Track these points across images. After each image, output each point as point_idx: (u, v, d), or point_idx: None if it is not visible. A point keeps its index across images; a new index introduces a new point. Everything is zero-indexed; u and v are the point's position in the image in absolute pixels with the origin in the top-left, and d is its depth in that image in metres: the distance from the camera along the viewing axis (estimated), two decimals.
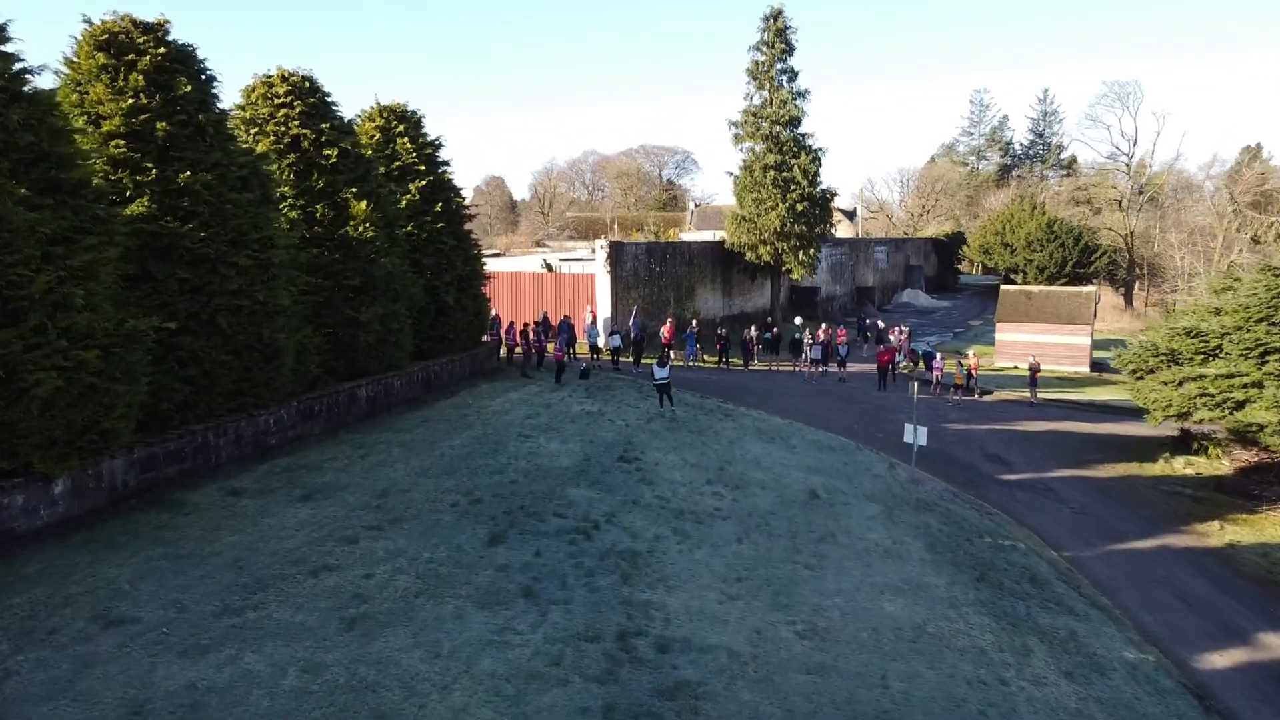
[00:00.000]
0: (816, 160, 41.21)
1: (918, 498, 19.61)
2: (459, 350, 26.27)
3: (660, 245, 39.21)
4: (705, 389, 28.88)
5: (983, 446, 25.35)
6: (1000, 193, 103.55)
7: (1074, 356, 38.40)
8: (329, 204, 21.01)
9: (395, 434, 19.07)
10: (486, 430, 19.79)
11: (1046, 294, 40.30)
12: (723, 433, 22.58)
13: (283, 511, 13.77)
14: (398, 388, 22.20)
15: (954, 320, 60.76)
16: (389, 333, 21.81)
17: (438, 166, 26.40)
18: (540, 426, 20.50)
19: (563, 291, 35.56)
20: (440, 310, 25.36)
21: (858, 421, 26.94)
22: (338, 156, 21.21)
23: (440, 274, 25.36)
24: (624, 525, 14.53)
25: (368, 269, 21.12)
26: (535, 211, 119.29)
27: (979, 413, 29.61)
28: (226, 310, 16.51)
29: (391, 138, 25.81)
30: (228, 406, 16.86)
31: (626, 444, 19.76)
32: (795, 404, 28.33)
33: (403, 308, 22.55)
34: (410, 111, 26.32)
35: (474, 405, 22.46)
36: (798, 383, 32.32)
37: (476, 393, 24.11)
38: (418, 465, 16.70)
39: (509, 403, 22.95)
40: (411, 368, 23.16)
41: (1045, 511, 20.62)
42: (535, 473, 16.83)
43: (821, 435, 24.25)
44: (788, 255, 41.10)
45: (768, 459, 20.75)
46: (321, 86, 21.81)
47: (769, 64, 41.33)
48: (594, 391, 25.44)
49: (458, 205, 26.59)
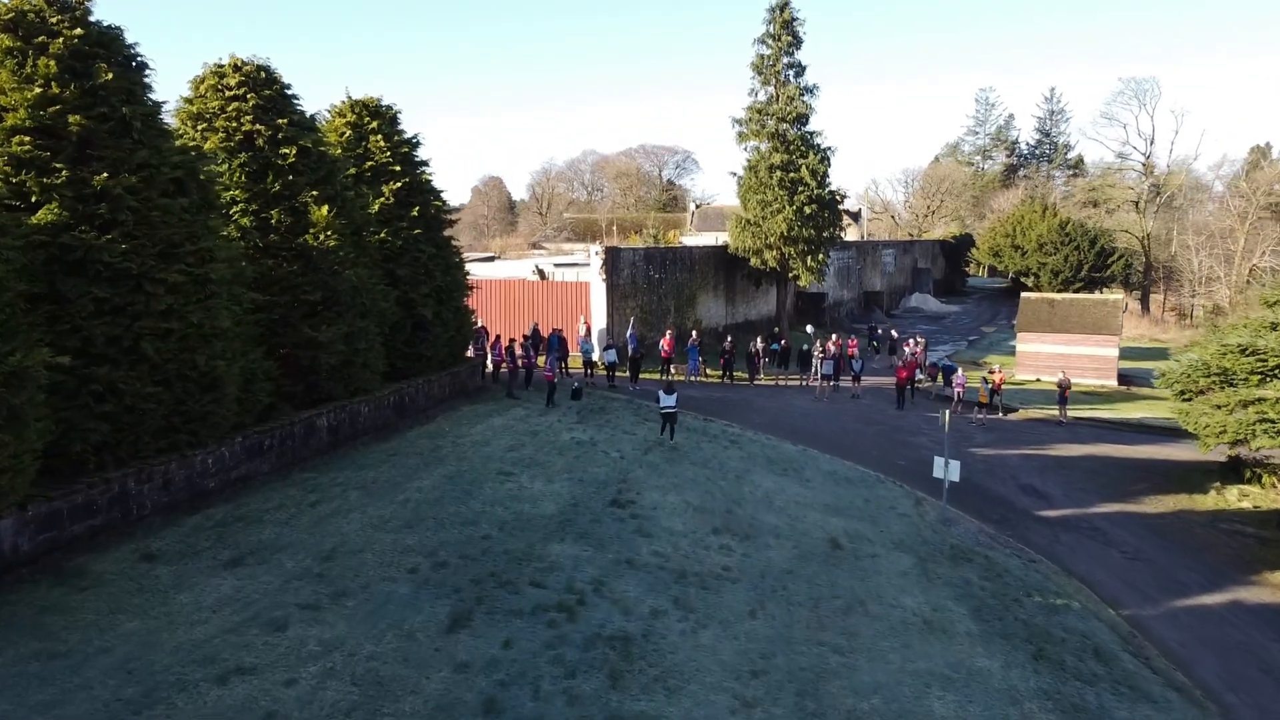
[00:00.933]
0: (825, 160, 38.81)
1: (952, 544, 17.25)
2: (438, 369, 23.90)
3: (660, 251, 36.85)
4: (709, 408, 26.52)
5: (1015, 476, 22.97)
6: (1008, 193, 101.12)
7: (1101, 369, 36.03)
8: (286, 209, 18.65)
9: (357, 472, 16.70)
10: (461, 466, 17.42)
11: (1070, 302, 37.91)
12: (729, 464, 20.23)
13: (203, 583, 11.41)
14: (365, 415, 19.84)
15: (965, 326, 58.39)
16: (355, 353, 19.45)
17: (415, 167, 24.04)
18: (523, 461, 18.13)
19: (555, 301, 33.19)
20: (417, 325, 23.00)
21: (876, 446, 24.58)
22: (296, 156, 18.85)
23: (417, 285, 23.00)
24: (615, 596, 12.17)
25: (330, 282, 18.76)
26: (533, 212, 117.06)
27: (1006, 435, 27.23)
28: (153, 334, 14.16)
29: (364, 135, 23.45)
30: (157, 446, 14.50)
31: (621, 482, 17.39)
32: (807, 426, 25.96)
33: (372, 324, 20.19)
34: (385, 106, 23.97)
35: (451, 434, 20.09)
36: (808, 400, 29.95)
37: (456, 418, 21.74)
38: (376, 515, 14.33)
39: (491, 430, 20.58)
40: (382, 391, 20.79)
41: (1094, 557, 18.25)
42: (513, 523, 14.46)
43: (838, 465, 21.88)
44: (795, 260, 38.71)
45: (781, 496, 18.39)
46: (280, 77, 19.46)
47: (775, 58, 38.94)
48: (586, 415, 23.07)
49: (437, 209, 24.22)
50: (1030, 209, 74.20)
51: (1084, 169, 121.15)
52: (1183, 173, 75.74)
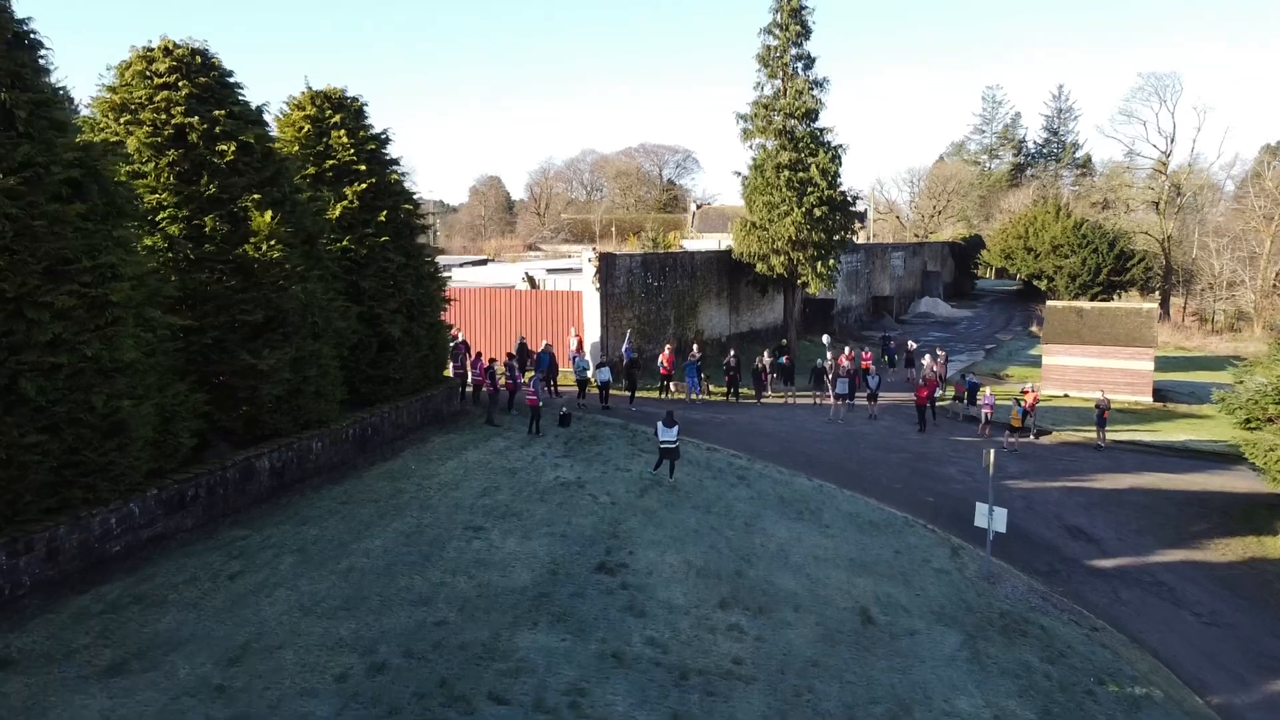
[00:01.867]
0: (836, 158, 36.14)
1: (1001, 610, 14.62)
2: (409, 393, 21.29)
3: (659, 256, 34.20)
4: (713, 433, 23.91)
5: (1059, 514, 20.35)
6: (1016, 193, 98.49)
7: (1135, 384, 33.39)
8: (223, 215, 16.05)
9: (297, 527, 14.09)
10: (423, 518, 14.80)
11: (1100, 311, 35.27)
12: (737, 507, 17.61)
13: (63, 705, 8.81)
14: (317, 452, 17.21)
15: (980, 333, 55.74)
16: (305, 381, 16.84)
17: (384, 166, 21.44)
18: (497, 510, 15.51)
19: (546, 311, 30.56)
20: (384, 344, 20.40)
21: (899, 478, 21.96)
22: (236, 153, 16.26)
23: (384, 299, 20.40)
24: (598, 712, 9.55)
25: (274, 299, 16.16)
26: (531, 213, 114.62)
27: (1042, 463, 24.60)
28: (36, 371, 11.60)
29: (325, 130, 20.85)
30: (43, 506, 11.93)
31: (611, 537, 14.77)
32: (822, 454, 23.35)
33: (326, 346, 17.58)
34: (350, 98, 21.36)
35: (417, 473, 17.48)
36: (821, 421, 27.32)
37: (425, 452, 19.12)
38: (309, 591, 11.72)
39: (463, 468, 17.97)
40: (340, 422, 18.18)
41: (1164, 621, 15.64)
42: (477, 601, 11.85)
43: (859, 504, 19.26)
44: (804, 266, 36.06)
45: (798, 549, 15.78)
46: (220, 63, 16.89)
47: (782, 49, 36.27)
48: (575, 446, 20.44)
49: (408, 214, 21.60)
50: (1042, 210, 71.59)
51: (1092, 168, 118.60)
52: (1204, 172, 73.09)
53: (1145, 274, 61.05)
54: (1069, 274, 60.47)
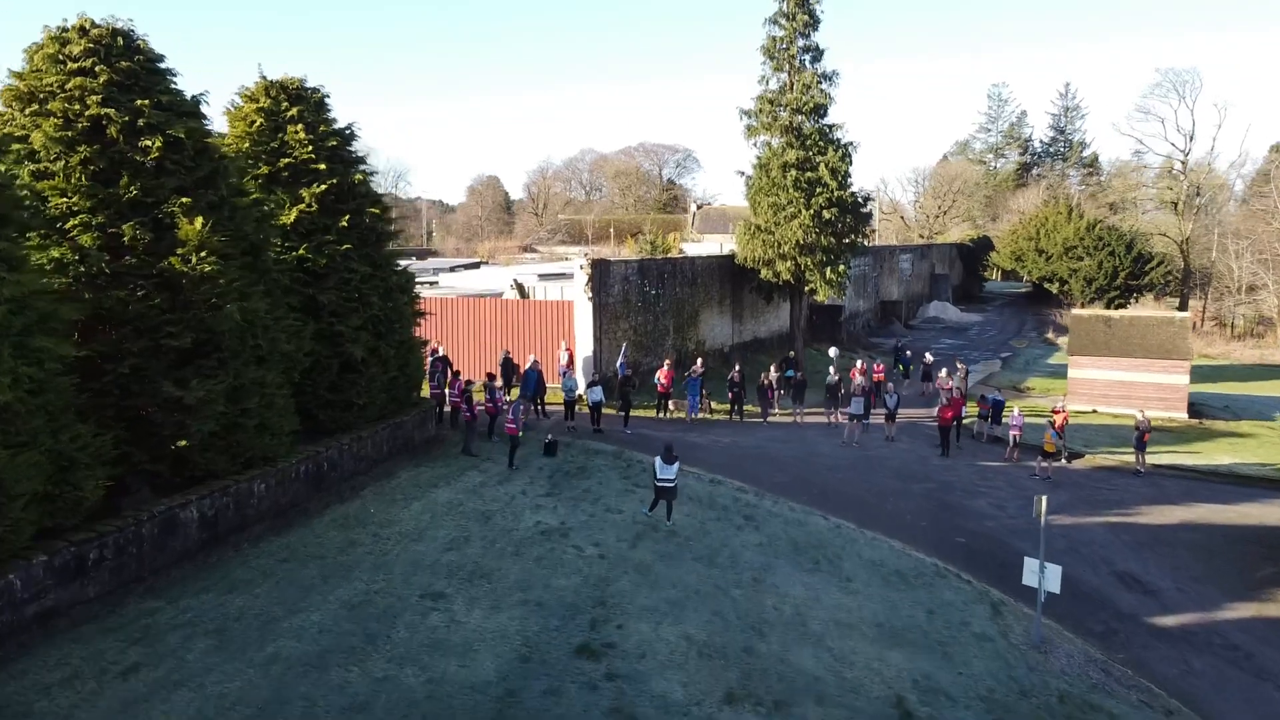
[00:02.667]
0: (847, 156, 33.83)
1: (1060, 690, 12.33)
2: (375, 419, 19.00)
3: (656, 263, 31.87)
4: (715, 460, 21.61)
5: (1107, 557, 18.05)
6: (1025, 193, 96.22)
7: (1168, 399, 31.09)
8: (145, 222, 13.77)
9: (222, 596, 11.79)
10: (375, 582, 12.51)
11: (1130, 321, 32.95)
12: (744, 556, 15.31)
13: None
14: (259, 495, 14.89)
15: (993, 339, 53.43)
16: (243, 413, 14.53)
17: (348, 166, 19.16)
18: (464, 569, 13.21)
19: (535, 322, 28.22)
20: (345, 366, 18.11)
21: (925, 513, 19.67)
22: (163, 149, 13.99)
23: (345, 315, 18.10)
24: None
25: (205, 319, 13.88)
26: (529, 213, 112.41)
27: (1079, 492, 22.28)
28: None
29: (280, 125, 18.55)
30: None
31: (598, 604, 12.47)
32: (837, 484, 21.06)
33: (273, 372, 15.28)
34: (309, 89, 19.07)
35: (376, 518, 15.18)
36: (834, 444, 25.01)
37: (390, 490, 16.82)
38: (217, 693, 9.42)
39: (430, 511, 15.67)
40: (289, 459, 15.84)
41: (1247, 699, 13.34)
42: (426, 704, 9.54)
43: (883, 548, 16.96)
44: (812, 272, 33.75)
45: (817, 612, 13.49)
46: (146, 45, 14.64)
47: (789, 40, 33.96)
48: (560, 481, 18.15)
49: (375, 219, 19.30)
50: (1054, 210, 69.37)
51: (1099, 167, 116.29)
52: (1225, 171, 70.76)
53: (1165, 278, 58.74)
54: (1084, 277, 58.16)
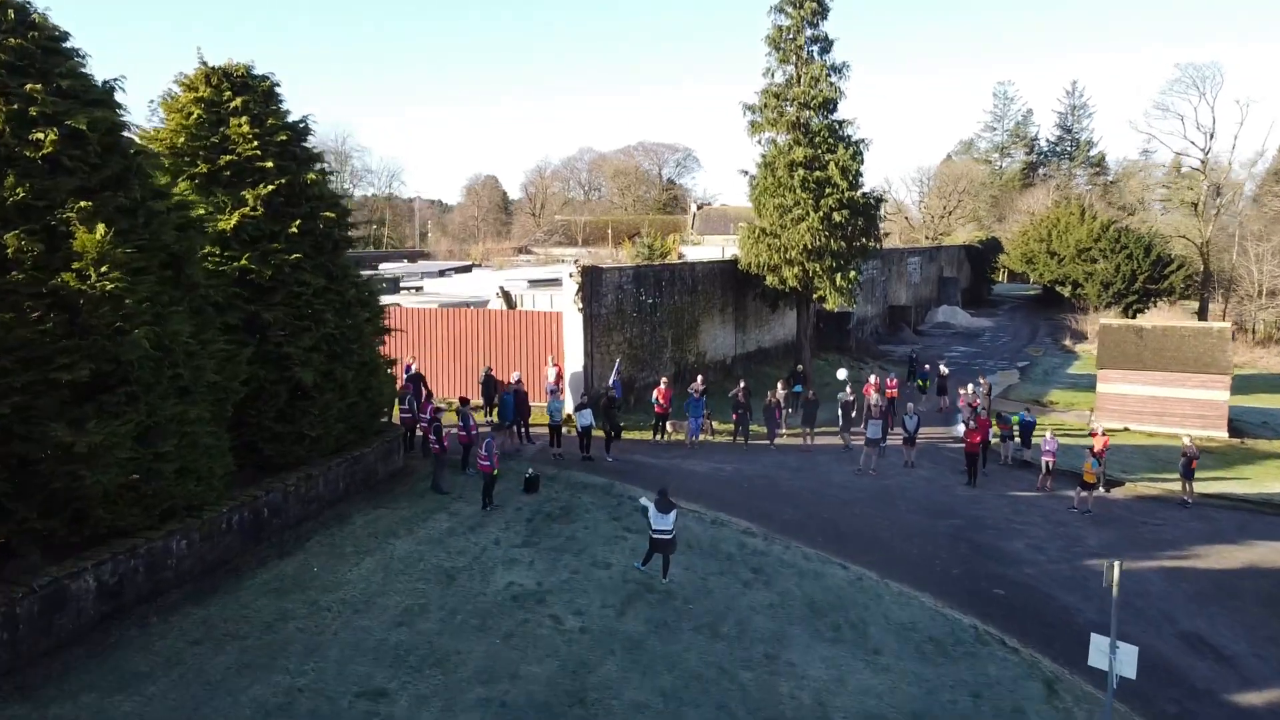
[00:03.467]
0: (858, 155, 31.48)
1: None
2: (331, 451, 16.70)
3: (653, 269, 29.51)
4: (718, 494, 19.32)
5: (1168, 613, 15.73)
6: (1033, 193, 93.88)
7: (1207, 417, 28.75)
8: (35, 230, 11.47)
9: (105, 699, 9.48)
10: (301, 674, 10.19)
11: (1164, 331, 30.61)
12: (754, 623, 13.01)
13: None
14: (179, 554, 12.57)
15: (1007, 347, 51.06)
16: (159, 457, 12.23)
17: (300, 163, 16.84)
18: (414, 654, 10.89)
19: (521, 335, 25.87)
20: (294, 394, 15.80)
21: (955, 557, 17.36)
22: (59, 144, 11.71)
23: (295, 335, 15.80)
24: None
25: (108, 347, 11.59)
26: (527, 213, 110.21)
27: (1125, 529, 19.95)
28: None
29: (222, 118, 16.24)
30: None
31: (575, 702, 10.16)
32: (854, 521, 18.75)
33: (198, 407, 12.98)
34: (257, 77, 16.77)
35: (319, 579, 12.87)
36: (848, 472, 22.66)
37: (340, 540, 14.50)
38: None
39: (384, 569, 13.35)
40: (221, 507, 13.52)
41: None
42: None
43: (913, 606, 14.64)
44: (820, 279, 31.42)
45: (840, 700, 11.18)
46: (44, 20, 12.33)
47: (795, 29, 31.60)
48: (540, 526, 15.82)
49: (331, 224, 16.96)
50: (1065, 211, 67.02)
51: (1106, 167, 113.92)
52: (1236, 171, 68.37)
53: (1185, 281, 56.41)
54: (1101, 281, 55.78)
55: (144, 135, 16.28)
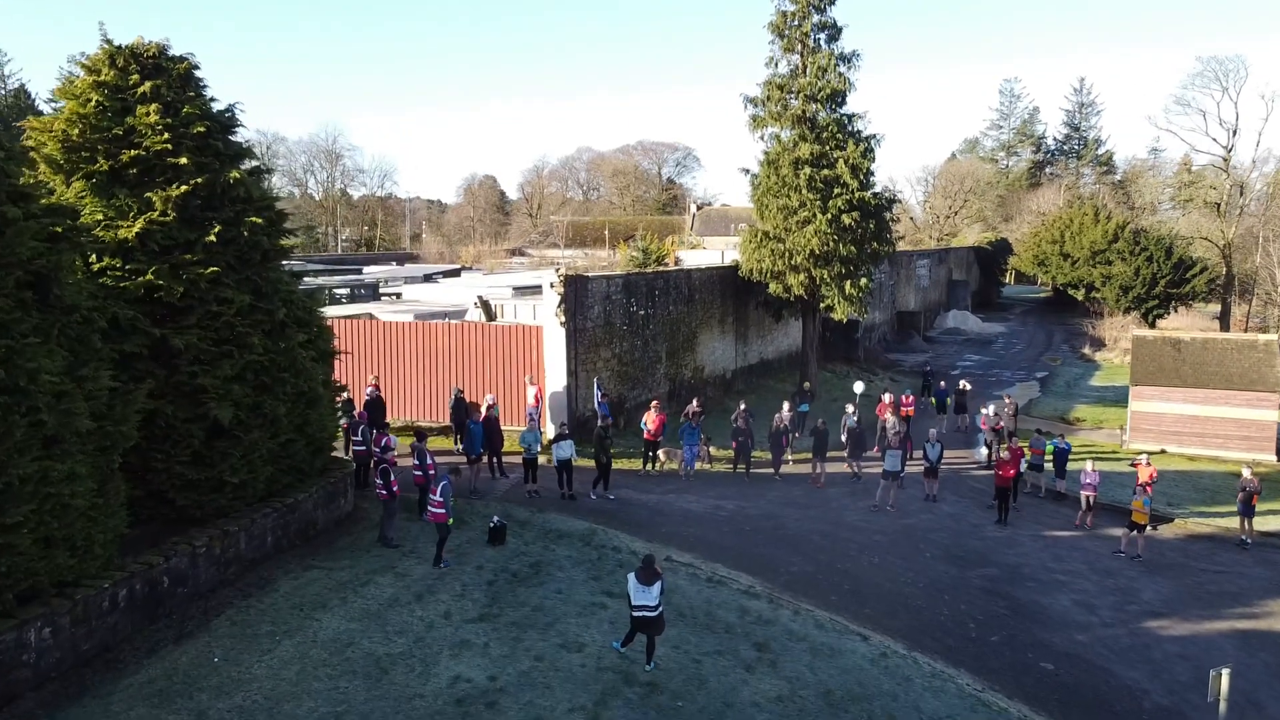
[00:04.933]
0: (869, 152, 28.98)
1: None
2: (260, 497, 14.19)
3: (646, 278, 26.97)
4: (716, 539, 16.84)
5: (1250, 695, 13.14)
6: (1042, 193, 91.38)
7: (1252, 439, 26.20)
8: None
9: None
10: None
11: (1204, 344, 28.06)
12: None
13: None
14: (38, 647, 10.02)
15: (1022, 354, 48.49)
16: (10, 529, 9.71)
17: (224, 160, 14.30)
18: None
19: (498, 350, 23.33)
20: (213, 433, 13.29)
21: (993, 621, 14.84)
22: None
23: (213, 364, 13.29)
24: None
25: None
26: (524, 214, 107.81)
27: (1183, 578, 17.42)
28: None
29: (129, 105, 13.72)
30: None
31: None
32: (873, 574, 16.23)
33: (70, 461, 10.46)
34: (173, 58, 14.27)
35: (215, 676, 10.35)
36: (863, 509, 20.14)
37: (257, 615, 11.97)
38: None
39: (301, 659, 10.82)
40: (102, 582, 11.00)
41: None
42: None
43: (949, 692, 12.12)
44: (828, 286, 28.93)
45: None
46: None
47: (801, 14, 29.07)
48: (502, 592, 13.30)
49: (259, 231, 14.40)
50: (1079, 212, 64.50)
51: (1115, 166, 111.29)
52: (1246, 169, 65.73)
53: (1208, 285, 53.83)
54: (1120, 284, 53.18)
55: (33, 125, 13.88)
